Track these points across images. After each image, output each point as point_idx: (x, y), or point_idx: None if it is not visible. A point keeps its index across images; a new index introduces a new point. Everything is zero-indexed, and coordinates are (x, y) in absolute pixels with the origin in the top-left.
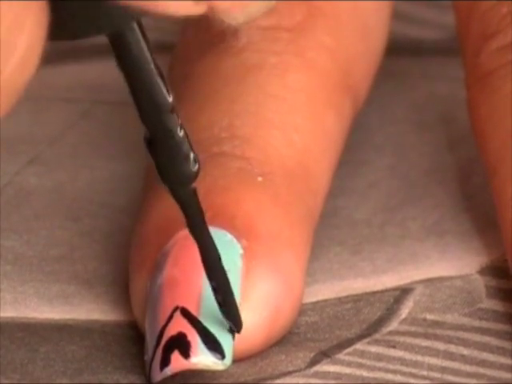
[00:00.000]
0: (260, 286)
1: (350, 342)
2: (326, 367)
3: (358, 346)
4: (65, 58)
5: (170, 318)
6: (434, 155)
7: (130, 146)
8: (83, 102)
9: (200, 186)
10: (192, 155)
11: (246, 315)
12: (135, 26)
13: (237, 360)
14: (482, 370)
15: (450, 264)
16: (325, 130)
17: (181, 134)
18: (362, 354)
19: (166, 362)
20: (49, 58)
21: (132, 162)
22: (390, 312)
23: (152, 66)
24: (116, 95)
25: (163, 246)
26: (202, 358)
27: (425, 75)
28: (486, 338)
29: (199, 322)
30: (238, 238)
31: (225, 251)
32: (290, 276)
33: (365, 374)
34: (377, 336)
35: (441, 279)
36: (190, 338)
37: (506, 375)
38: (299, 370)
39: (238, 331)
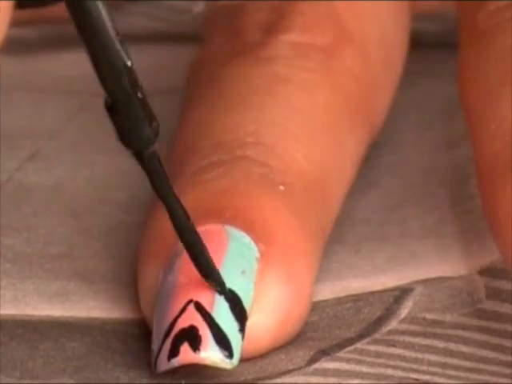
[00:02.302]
0: (272, 290)
1: (349, 342)
2: (325, 364)
3: (358, 345)
4: (63, 47)
5: (183, 310)
6: (435, 154)
7: None
8: (82, 93)
9: (221, 186)
10: (151, 117)
11: (258, 318)
12: None
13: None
14: (481, 366)
15: (450, 264)
16: (344, 152)
17: (140, 96)
18: (362, 351)
19: (174, 352)
20: (47, 47)
21: (131, 156)
22: (390, 312)
23: (111, 30)
24: None
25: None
26: (211, 354)
27: (425, 72)
28: (486, 337)
29: (212, 318)
30: (256, 241)
31: (242, 253)
32: (301, 285)
33: (364, 369)
34: (376, 336)
35: (440, 280)
36: (201, 332)
37: (506, 370)
38: (299, 369)
39: (223, 290)
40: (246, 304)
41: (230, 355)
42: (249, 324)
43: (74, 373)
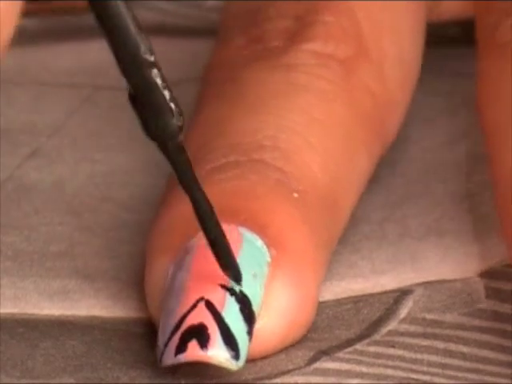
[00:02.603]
0: (281, 296)
1: (349, 343)
2: (325, 364)
3: (358, 346)
4: (64, 38)
5: (194, 307)
6: (435, 151)
7: (132, 136)
8: (84, 87)
9: (237, 187)
10: (176, 109)
11: (265, 322)
12: None
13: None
14: (481, 367)
15: (450, 267)
16: (356, 167)
17: (163, 88)
18: (362, 352)
19: (182, 348)
20: (47, 39)
21: (133, 153)
22: (390, 312)
23: (132, 25)
24: (118, 80)
25: (191, 234)
26: (218, 353)
27: (427, 69)
28: (486, 337)
29: (222, 318)
30: (268, 246)
31: (254, 256)
32: (308, 293)
33: (364, 369)
34: (376, 337)
35: (440, 281)
36: (210, 330)
37: (506, 371)
38: (299, 368)
39: (239, 281)
40: (255, 307)
41: (237, 356)
42: (256, 327)
43: (74, 372)
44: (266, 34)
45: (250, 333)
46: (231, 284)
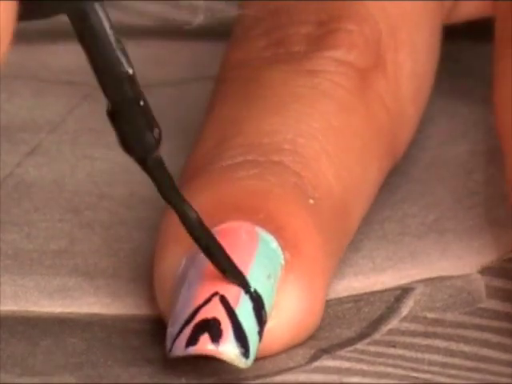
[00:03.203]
0: (291, 300)
1: (350, 342)
2: (325, 362)
3: (359, 346)
4: (65, 38)
5: (208, 300)
6: (435, 150)
7: None
8: (84, 85)
9: (256, 186)
10: (153, 123)
11: (274, 324)
12: (97, 5)
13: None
14: (482, 366)
15: (451, 263)
16: (367, 179)
17: (142, 104)
18: (363, 352)
19: (193, 340)
20: (46, 38)
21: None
22: (391, 310)
23: (112, 39)
24: None
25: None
26: (229, 349)
27: None
28: (486, 335)
29: (235, 315)
30: (283, 248)
31: (269, 257)
32: (316, 298)
33: (365, 367)
34: (377, 336)
35: (441, 279)
36: (223, 326)
37: (506, 370)
38: (299, 366)
39: (246, 288)
40: (268, 308)
41: (247, 354)
42: (266, 327)
43: (75, 369)
44: (288, 38)
45: (260, 333)
46: (248, 284)
